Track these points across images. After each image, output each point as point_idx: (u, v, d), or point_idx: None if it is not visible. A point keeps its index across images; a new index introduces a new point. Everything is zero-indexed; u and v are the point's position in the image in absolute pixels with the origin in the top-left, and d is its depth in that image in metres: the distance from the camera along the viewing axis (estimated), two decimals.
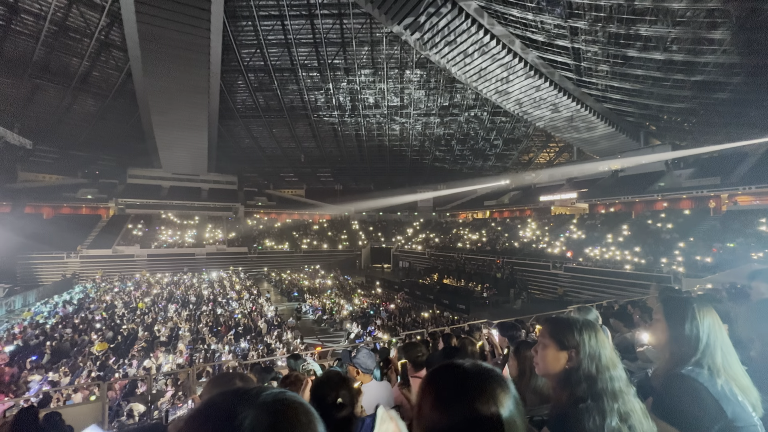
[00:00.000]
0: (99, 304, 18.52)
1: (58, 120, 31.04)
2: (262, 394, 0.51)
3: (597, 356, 1.07)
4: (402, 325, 15.61)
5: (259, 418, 0.47)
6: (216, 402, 0.50)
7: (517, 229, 32.32)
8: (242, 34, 28.09)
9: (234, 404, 0.49)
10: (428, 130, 38.44)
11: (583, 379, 1.05)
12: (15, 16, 22.50)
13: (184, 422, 0.49)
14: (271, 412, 0.48)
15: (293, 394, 0.53)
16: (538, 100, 25.25)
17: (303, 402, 0.53)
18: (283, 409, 0.50)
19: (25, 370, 9.81)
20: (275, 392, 0.52)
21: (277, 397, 0.51)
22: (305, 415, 0.51)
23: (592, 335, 1.11)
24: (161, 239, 33.39)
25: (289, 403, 0.51)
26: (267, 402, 0.50)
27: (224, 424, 0.46)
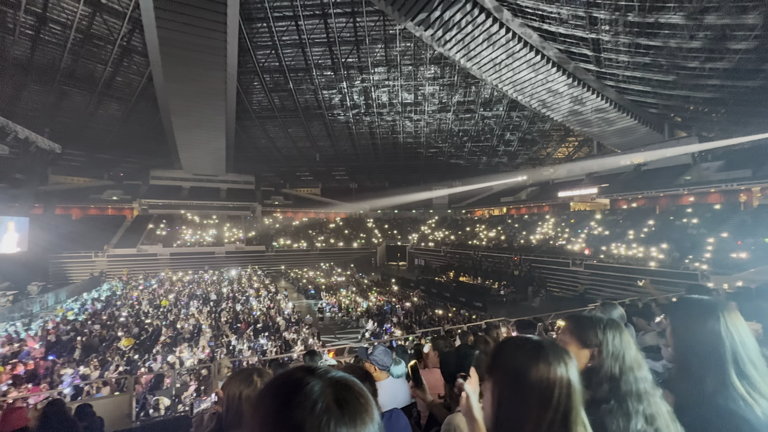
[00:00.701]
0: (125, 301, 19.25)
1: (84, 124, 32.27)
2: (330, 372, 0.58)
3: (621, 356, 1.04)
4: (418, 323, 15.59)
5: (325, 389, 0.54)
6: (289, 373, 0.58)
7: (535, 226, 31.72)
8: (257, 35, 28.49)
9: (304, 376, 0.56)
10: (443, 126, 38.11)
11: (606, 379, 1.02)
12: (44, 26, 23.48)
13: (263, 388, 0.57)
14: (336, 387, 0.55)
15: (356, 379, 0.59)
16: (555, 94, 24.65)
17: (363, 387, 0.59)
18: (346, 386, 0.56)
19: (58, 363, 10.29)
20: (342, 373, 0.59)
21: (342, 377, 0.58)
22: (364, 396, 0.56)
23: (617, 335, 1.07)
24: (183, 238, 34.37)
25: (352, 383, 0.57)
26: (333, 378, 0.57)
27: (296, 390, 0.54)
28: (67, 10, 23.03)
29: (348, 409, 0.53)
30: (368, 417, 0.54)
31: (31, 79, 26.52)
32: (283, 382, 0.56)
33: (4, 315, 15.38)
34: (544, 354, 0.79)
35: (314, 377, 0.56)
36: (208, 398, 1.86)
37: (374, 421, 0.55)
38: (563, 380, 0.77)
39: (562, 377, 0.77)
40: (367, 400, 0.56)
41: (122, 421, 5.18)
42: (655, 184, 26.58)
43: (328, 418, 0.50)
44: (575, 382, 0.78)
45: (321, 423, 0.50)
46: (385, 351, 2.32)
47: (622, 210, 28.43)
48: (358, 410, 0.54)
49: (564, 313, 9.03)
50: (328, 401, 0.52)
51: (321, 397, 0.52)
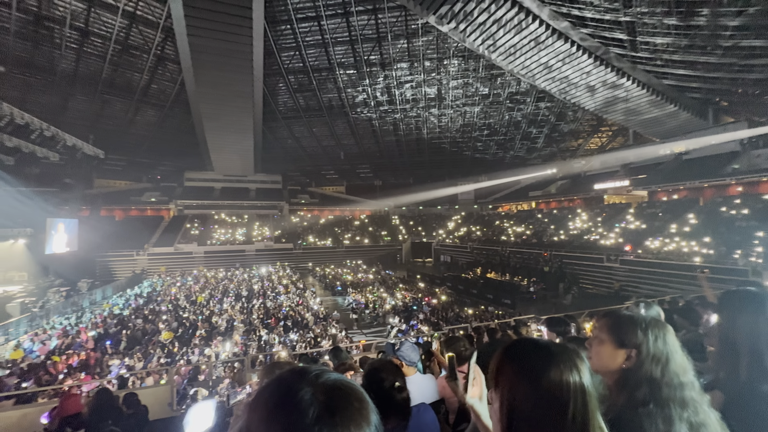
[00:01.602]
0: (164, 297, 20.35)
1: (124, 131, 34.26)
2: (323, 376, 0.56)
3: (664, 360, 0.97)
4: (445, 320, 15.48)
5: (317, 396, 0.52)
6: (281, 378, 0.56)
7: (566, 220, 30.59)
8: (282, 37, 29.08)
9: (296, 382, 0.54)
10: (468, 120, 37.43)
11: (645, 382, 0.96)
12: (86, 39, 25.08)
13: (254, 393, 0.56)
14: (328, 392, 0.53)
15: (351, 381, 0.57)
16: (587, 82, 23.59)
17: (359, 389, 0.57)
18: (339, 391, 0.54)
19: (107, 355, 11.05)
20: (335, 376, 0.57)
21: (336, 380, 0.56)
22: (359, 400, 0.54)
23: (660, 336, 1.00)
24: (215, 237, 35.84)
25: (345, 386, 0.55)
26: (326, 383, 0.54)
27: (286, 398, 0.52)
28: (106, 23, 24.47)
29: (341, 415, 0.51)
30: (363, 421, 0.53)
31: (77, 90, 28.44)
32: (273, 389, 0.55)
33: (59, 310, 16.67)
34: (554, 359, 0.74)
35: (306, 383, 0.54)
36: (243, 390, 1.97)
37: (371, 424, 0.53)
38: (578, 386, 0.72)
39: (576, 383, 0.72)
40: (362, 404, 0.54)
41: (164, 410, 5.50)
42: (698, 173, 24.90)
43: (320, 428, 0.49)
44: (589, 386, 0.73)
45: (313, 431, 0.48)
46: (412, 347, 2.33)
47: (661, 202, 26.85)
48: (352, 415, 0.52)
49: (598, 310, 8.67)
50: (320, 409, 0.51)
51: (312, 406, 0.51)
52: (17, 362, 10.29)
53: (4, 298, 16.80)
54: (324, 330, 13.73)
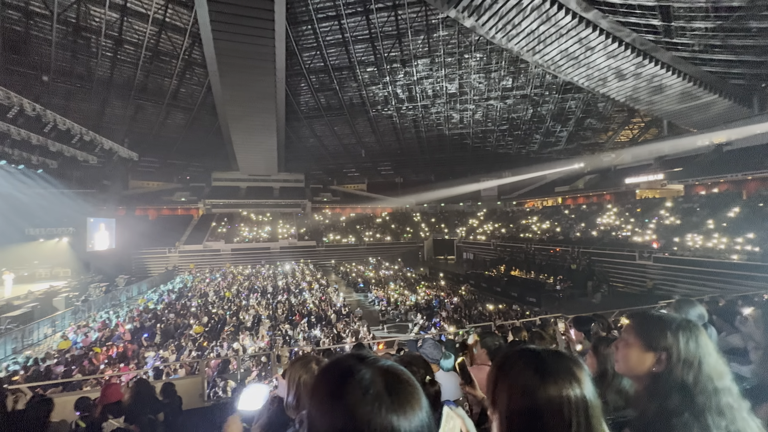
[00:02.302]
0: (195, 292, 21.20)
1: (156, 134, 35.81)
2: (379, 360, 0.60)
3: (697, 364, 0.90)
4: (468, 318, 15.32)
5: (375, 377, 0.55)
6: (340, 361, 0.61)
7: (595, 216, 29.48)
8: (303, 38, 29.47)
9: (355, 363, 0.58)
10: (490, 115, 36.67)
11: (676, 388, 0.89)
12: (120, 47, 26.36)
13: (317, 374, 0.60)
14: (385, 374, 0.57)
15: (402, 367, 0.61)
16: (617, 72, 22.57)
17: (411, 375, 0.60)
18: (395, 374, 0.58)
19: (143, 347, 11.64)
20: (389, 362, 0.61)
21: (391, 365, 0.60)
22: (412, 385, 0.58)
23: (692, 338, 0.92)
24: (241, 235, 36.96)
25: (401, 371, 0.59)
26: (382, 366, 0.58)
27: (347, 377, 0.56)
28: (138, 31, 25.61)
29: (398, 396, 0.55)
30: (417, 404, 0.56)
31: (112, 96, 29.97)
32: (335, 369, 0.59)
33: (99, 304, 17.71)
34: (547, 371, 0.68)
35: (365, 365, 0.58)
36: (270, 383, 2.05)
37: (423, 408, 0.56)
38: (578, 399, 0.66)
39: (576, 396, 0.66)
40: (415, 388, 0.58)
41: (196, 401, 5.74)
42: (741, 165, 23.33)
43: (379, 404, 0.52)
44: (591, 397, 0.68)
45: (372, 409, 0.52)
46: (434, 344, 2.33)
47: (699, 196, 25.38)
48: (408, 397, 0.56)
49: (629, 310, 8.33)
50: (379, 388, 0.54)
51: (372, 385, 0.54)
52: (64, 352, 11.02)
53: (51, 292, 18.02)
54: (347, 326, 13.90)
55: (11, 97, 15.73)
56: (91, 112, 30.19)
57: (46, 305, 15.85)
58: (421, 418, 0.55)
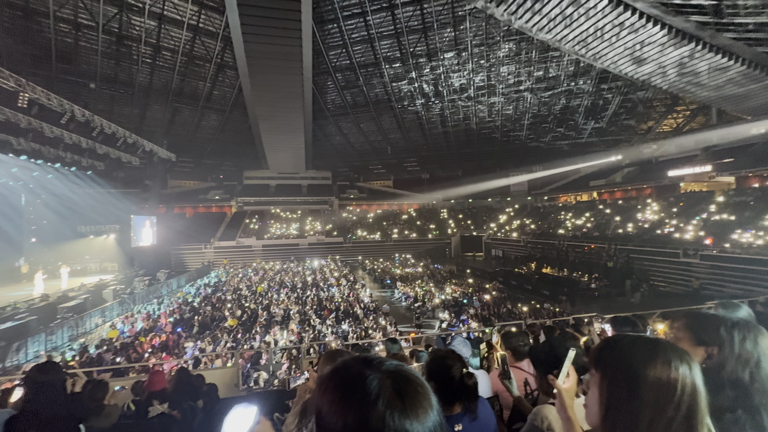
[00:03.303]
0: (229, 287, 22.13)
1: (192, 135, 37.51)
2: (386, 363, 0.60)
3: (753, 363, 0.87)
4: (497, 316, 15.04)
5: (384, 381, 0.55)
6: (347, 365, 0.60)
7: (634, 212, 27.95)
8: (329, 36, 29.76)
9: (362, 368, 0.58)
10: (520, 107, 35.52)
11: (729, 385, 0.87)
12: (158, 54, 27.78)
13: (322, 379, 0.60)
14: (394, 378, 0.56)
15: (410, 367, 0.61)
16: (658, 57, 21.15)
17: (418, 375, 0.60)
18: (403, 377, 0.57)
19: (182, 338, 12.32)
20: (395, 363, 0.61)
21: (397, 367, 0.59)
22: (421, 386, 0.58)
23: (749, 337, 0.91)
24: (272, 231, 38.12)
25: (408, 373, 0.59)
26: (390, 369, 0.58)
27: (355, 384, 0.55)
28: (174, 37, 26.87)
29: (409, 400, 0.54)
30: (429, 405, 0.56)
31: (152, 100, 31.68)
32: (343, 375, 0.58)
33: (143, 297, 18.90)
34: (662, 351, 0.71)
35: (372, 369, 0.57)
36: (302, 375, 2.14)
37: (434, 408, 0.56)
38: (687, 382, 0.68)
39: (684, 378, 0.68)
40: (425, 389, 0.57)
41: (232, 390, 6.02)
42: None
43: (391, 411, 0.52)
44: (701, 384, 0.69)
45: (385, 417, 0.51)
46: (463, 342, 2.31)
47: (753, 189, 23.43)
48: (419, 400, 0.55)
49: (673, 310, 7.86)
50: (390, 395, 0.53)
51: (382, 391, 0.54)
52: (113, 341, 11.87)
53: (101, 285, 19.43)
54: (374, 322, 14.03)
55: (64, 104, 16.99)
56: (133, 116, 32.07)
57: (97, 297, 17.12)
58: (433, 419, 0.55)
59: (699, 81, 22.82)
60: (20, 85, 14.78)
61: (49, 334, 12.00)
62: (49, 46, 24.29)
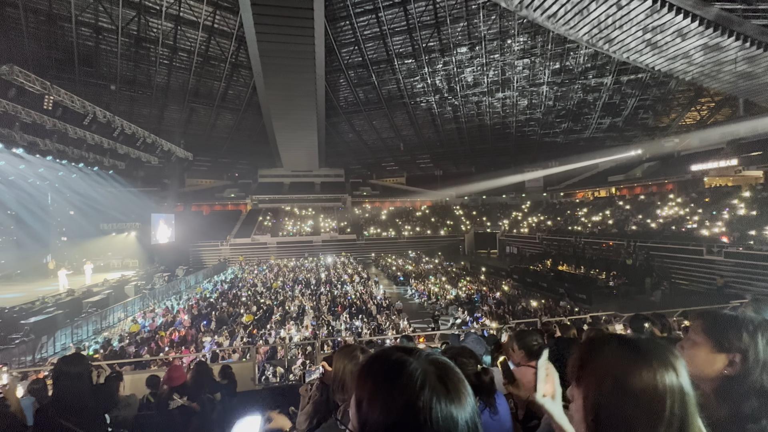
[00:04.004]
0: (244, 283, 22.54)
1: (208, 135, 38.24)
2: (424, 352, 0.61)
3: None
4: (511, 314, 14.88)
5: (427, 368, 0.56)
6: (387, 353, 0.61)
7: (654, 207, 27.13)
8: (341, 34, 29.80)
9: (403, 356, 0.59)
10: (535, 102, 34.85)
11: (754, 393, 0.82)
12: (175, 55, 28.36)
13: (364, 365, 0.61)
14: (435, 365, 0.58)
15: (446, 358, 0.62)
16: (681, 47, 20.38)
17: (453, 363, 0.62)
18: (442, 364, 0.59)
19: (200, 332, 12.62)
20: (432, 351, 0.62)
21: (436, 356, 0.61)
22: (458, 373, 0.59)
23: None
24: (286, 229, 38.60)
25: (445, 361, 0.60)
26: (430, 357, 0.59)
27: (399, 371, 0.56)
28: (190, 38, 27.39)
29: (452, 386, 0.55)
30: (467, 392, 0.57)
31: (169, 101, 32.42)
32: (385, 362, 0.59)
33: (163, 292, 19.44)
34: (644, 356, 0.65)
35: (413, 357, 0.58)
36: (316, 370, 2.16)
37: (471, 395, 0.58)
38: (674, 388, 0.63)
39: (672, 385, 0.63)
40: (462, 377, 0.59)
41: (248, 384, 6.15)
42: None
43: (437, 397, 0.53)
44: (688, 387, 0.65)
45: (432, 402, 0.52)
46: (477, 339, 2.30)
47: None
48: (460, 387, 0.56)
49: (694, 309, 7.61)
50: (433, 380, 0.55)
51: (426, 377, 0.55)
52: (135, 334, 12.26)
53: (123, 281, 20.08)
54: (387, 318, 14.08)
55: (86, 106, 17.54)
56: (152, 117, 32.88)
57: (119, 292, 17.70)
58: (472, 406, 0.57)
59: (725, 71, 21.91)
60: (45, 88, 15.33)
61: (75, 328, 12.49)
62: (71, 50, 25.10)
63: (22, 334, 11.01)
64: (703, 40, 19.28)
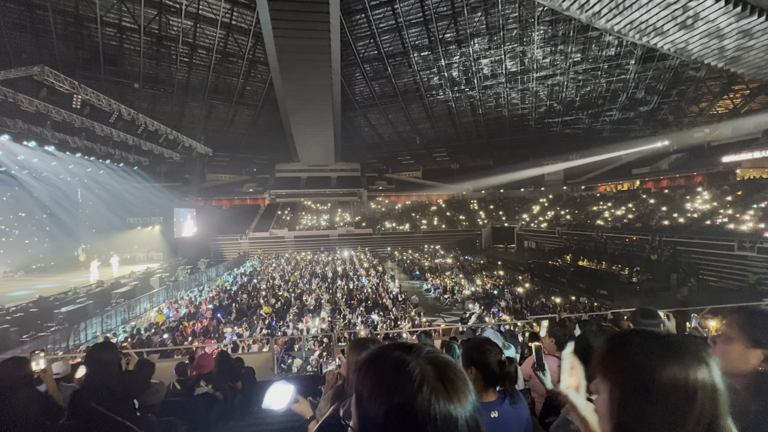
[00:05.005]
0: (263, 276, 23.03)
1: (227, 130, 38.99)
2: (424, 349, 0.60)
3: None
4: (529, 309, 14.68)
5: (425, 367, 0.56)
6: (386, 351, 0.61)
7: (682, 201, 26.07)
8: (356, 27, 29.66)
9: (402, 354, 0.59)
10: (556, 92, 33.85)
11: None
12: (194, 52, 28.93)
13: (363, 362, 0.61)
14: (434, 363, 0.57)
15: (447, 355, 0.61)
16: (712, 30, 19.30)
17: (454, 361, 0.61)
18: (442, 363, 0.58)
19: (221, 323, 13.01)
20: (432, 349, 0.61)
21: (437, 354, 0.60)
22: (459, 371, 0.59)
23: None
24: (303, 223, 39.14)
25: (445, 359, 0.60)
26: (429, 356, 0.59)
27: (397, 370, 0.56)
28: (209, 36, 27.86)
29: (451, 385, 0.55)
30: (467, 390, 0.56)
31: (189, 98, 33.17)
32: (383, 361, 0.59)
33: (186, 284, 20.11)
34: (675, 351, 0.63)
35: (412, 356, 0.58)
36: (333, 362, 2.21)
37: (472, 392, 0.57)
38: (705, 385, 0.61)
39: (703, 381, 0.61)
40: (463, 374, 0.58)
41: (267, 373, 6.32)
42: None
43: (436, 396, 0.53)
44: (720, 385, 0.62)
45: (430, 401, 0.52)
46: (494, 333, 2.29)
47: None
48: (459, 385, 0.56)
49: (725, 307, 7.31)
50: (432, 379, 0.54)
51: (425, 377, 0.54)
52: (160, 324, 12.75)
53: (148, 273, 20.87)
54: (403, 312, 14.13)
55: (111, 104, 18.15)
56: (173, 114, 33.74)
57: (145, 284, 18.41)
58: (473, 404, 0.56)
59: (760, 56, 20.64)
60: (74, 87, 15.94)
61: (105, 318, 13.10)
62: (97, 50, 25.94)
63: (56, 323, 11.64)
64: (739, 23, 18.20)
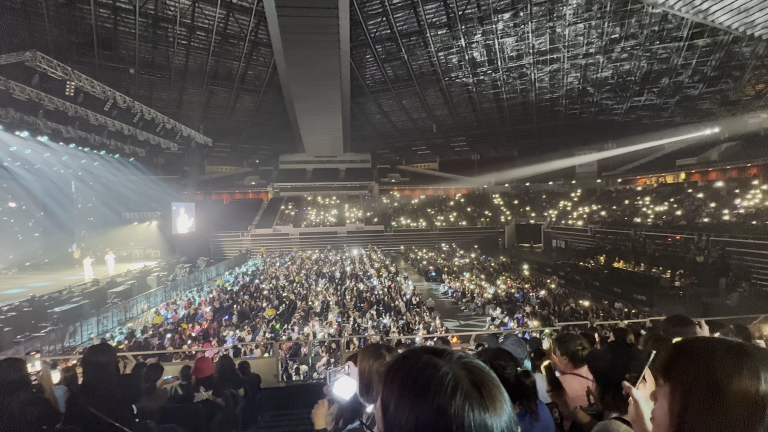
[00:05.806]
0: (266, 275, 23.38)
1: (227, 119, 39.52)
2: (456, 354, 0.61)
3: None
4: (557, 315, 14.53)
5: (459, 372, 0.56)
6: (415, 354, 0.61)
7: (734, 196, 25.28)
8: (367, 4, 29.50)
9: (431, 358, 0.59)
10: (590, 73, 33.05)
11: None
12: (193, 34, 29.34)
13: (390, 365, 0.62)
14: (468, 368, 0.58)
15: (478, 360, 0.62)
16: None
17: (487, 367, 0.62)
18: (476, 368, 0.59)
19: (222, 326, 13.29)
20: (464, 354, 0.62)
21: (469, 359, 0.61)
22: (495, 378, 0.59)
23: None
24: (308, 219, 39.48)
25: (480, 364, 0.60)
26: (462, 361, 0.59)
27: (429, 375, 0.56)
28: (208, 16, 28.18)
29: (486, 392, 0.55)
30: (504, 398, 0.57)
31: (188, 83, 33.71)
32: (414, 365, 0.59)
33: (184, 284, 20.57)
34: (749, 361, 0.65)
35: (443, 360, 0.59)
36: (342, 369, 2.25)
37: (508, 401, 0.57)
38: None
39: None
40: (498, 383, 0.58)
41: (271, 380, 6.43)
42: None
43: (470, 404, 0.53)
44: None
45: (464, 409, 0.52)
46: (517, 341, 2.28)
47: None
48: (495, 393, 0.56)
49: None
50: (466, 386, 0.54)
51: (458, 382, 0.54)
52: (158, 326, 13.11)
53: (145, 271, 21.42)
54: (418, 316, 14.16)
55: (106, 91, 18.59)
56: (171, 101, 34.36)
57: (142, 283, 18.90)
58: (509, 414, 0.56)
59: None
60: (67, 73, 16.38)
61: (101, 318, 13.53)
62: (90, 33, 26.55)
63: (51, 323, 12.09)
64: None
